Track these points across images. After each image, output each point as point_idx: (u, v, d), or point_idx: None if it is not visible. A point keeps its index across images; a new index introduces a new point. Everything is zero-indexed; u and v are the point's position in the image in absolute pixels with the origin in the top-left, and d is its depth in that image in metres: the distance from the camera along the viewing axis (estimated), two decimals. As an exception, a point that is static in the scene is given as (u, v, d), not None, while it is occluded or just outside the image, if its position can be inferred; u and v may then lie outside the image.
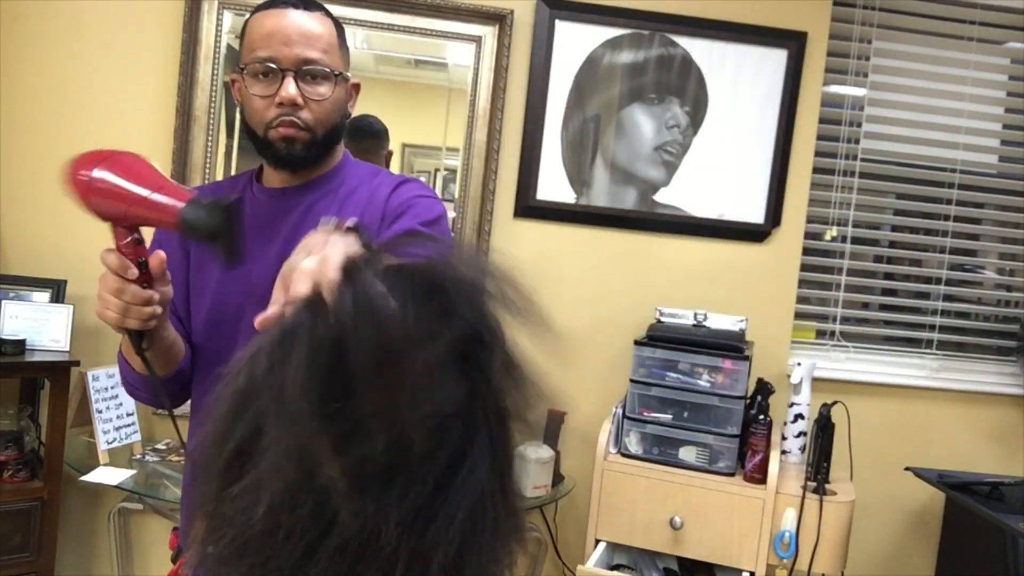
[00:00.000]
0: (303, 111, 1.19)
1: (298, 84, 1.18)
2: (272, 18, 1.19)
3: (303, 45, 1.18)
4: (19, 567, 2.20)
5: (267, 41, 1.18)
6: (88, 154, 1.04)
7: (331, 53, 1.21)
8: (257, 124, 1.22)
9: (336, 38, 1.23)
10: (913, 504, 2.71)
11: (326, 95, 1.20)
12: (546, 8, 2.49)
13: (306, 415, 0.52)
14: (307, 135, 1.20)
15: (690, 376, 2.27)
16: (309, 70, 1.19)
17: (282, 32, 1.18)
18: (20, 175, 2.44)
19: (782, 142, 2.56)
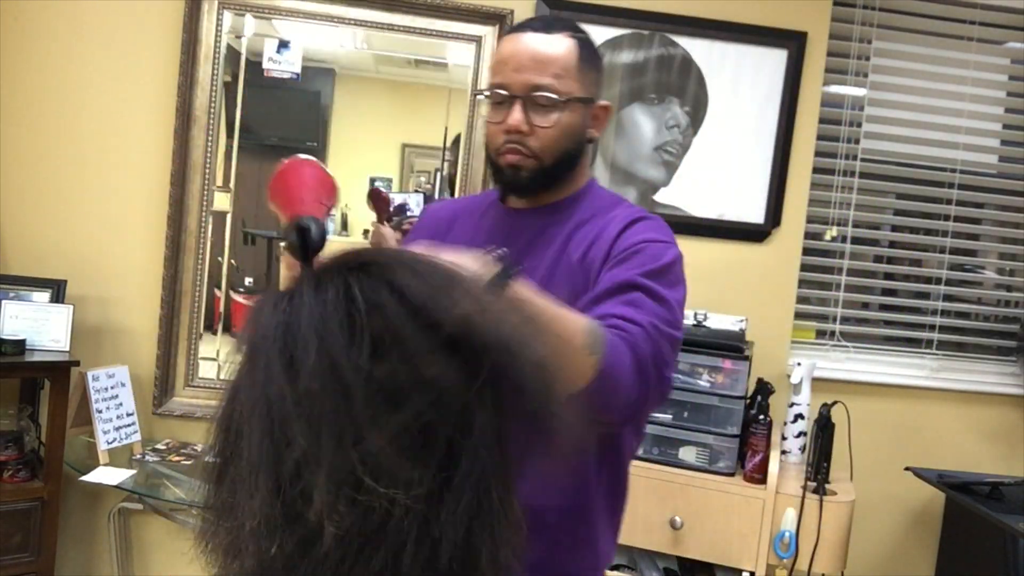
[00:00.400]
0: (529, 138, 1.17)
1: (526, 111, 1.16)
2: (510, 43, 1.18)
3: (533, 71, 1.15)
4: (19, 567, 2.20)
5: (501, 66, 1.18)
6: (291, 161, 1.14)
7: (566, 77, 1.17)
8: (490, 148, 1.22)
9: (576, 60, 1.18)
10: (913, 504, 2.71)
11: (554, 122, 1.17)
12: (546, 8, 2.49)
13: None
14: (534, 162, 1.18)
15: (690, 376, 2.27)
16: (537, 97, 1.16)
17: (515, 58, 1.17)
18: (20, 175, 2.44)
19: (782, 142, 2.56)
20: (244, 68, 2.48)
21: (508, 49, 1.18)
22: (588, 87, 1.20)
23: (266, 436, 0.55)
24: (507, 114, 1.17)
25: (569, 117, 1.18)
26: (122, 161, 2.46)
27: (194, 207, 2.47)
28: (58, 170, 2.45)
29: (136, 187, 2.47)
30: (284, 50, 2.45)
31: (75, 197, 2.46)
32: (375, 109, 2.61)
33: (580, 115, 1.20)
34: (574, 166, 1.24)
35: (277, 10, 2.45)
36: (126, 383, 2.36)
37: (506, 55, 1.18)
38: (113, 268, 2.47)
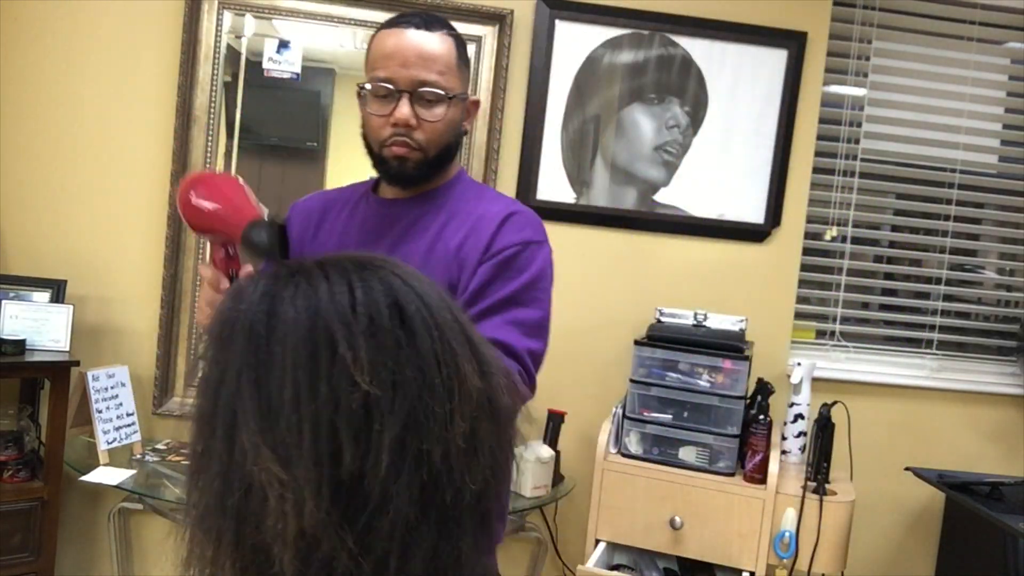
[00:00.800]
0: (416, 131, 1.22)
1: (413, 105, 1.21)
2: (392, 38, 1.22)
3: (420, 67, 1.20)
4: (19, 567, 2.20)
5: (386, 61, 1.21)
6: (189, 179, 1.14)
7: (448, 74, 1.23)
8: (373, 141, 1.26)
9: (456, 58, 1.25)
10: (913, 504, 2.71)
11: (440, 116, 1.23)
12: (546, 8, 2.49)
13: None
14: (419, 155, 1.24)
15: (690, 376, 2.27)
16: (424, 92, 1.21)
17: (400, 53, 1.20)
18: (20, 175, 2.44)
19: (782, 142, 2.56)
20: (244, 68, 2.48)
21: (392, 44, 1.21)
22: (464, 83, 1.28)
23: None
24: (393, 108, 1.21)
25: (452, 112, 1.24)
26: (122, 161, 2.46)
27: (194, 207, 2.47)
28: (58, 170, 2.45)
29: (136, 187, 2.47)
30: (284, 50, 2.45)
31: (75, 197, 2.46)
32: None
33: (459, 109, 1.27)
34: (451, 158, 1.30)
35: (277, 10, 2.45)
36: (126, 383, 2.36)
37: (390, 50, 1.21)
38: (113, 268, 2.47)
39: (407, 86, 1.21)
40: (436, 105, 1.22)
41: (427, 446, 0.59)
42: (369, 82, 1.23)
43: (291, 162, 2.60)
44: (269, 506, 0.59)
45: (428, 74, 1.21)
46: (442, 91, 1.22)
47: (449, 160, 1.29)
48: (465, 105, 1.29)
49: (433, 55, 1.21)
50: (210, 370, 0.63)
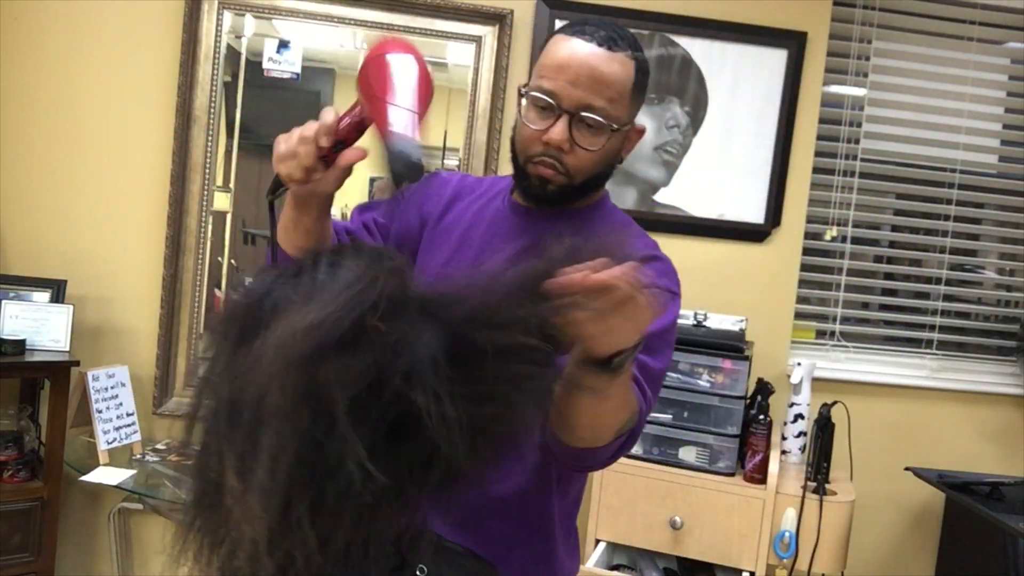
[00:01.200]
0: (568, 156, 1.11)
1: (571, 128, 1.09)
2: (568, 48, 1.09)
3: (589, 89, 1.08)
4: (19, 567, 2.20)
5: (555, 73, 1.09)
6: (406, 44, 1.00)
7: (619, 102, 1.10)
8: (521, 151, 1.17)
9: (632, 84, 1.11)
10: (913, 504, 2.71)
11: (597, 146, 1.11)
12: (546, 8, 2.49)
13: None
14: (564, 179, 1.13)
15: (690, 376, 2.27)
16: (587, 118, 1.09)
17: (572, 68, 1.08)
18: (20, 175, 2.44)
19: (782, 142, 2.56)
20: (244, 68, 2.48)
21: (565, 55, 1.09)
22: (635, 112, 1.15)
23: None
24: (550, 125, 1.10)
25: (612, 142, 1.13)
26: (122, 161, 2.46)
27: (194, 207, 2.47)
28: (58, 170, 2.45)
29: (136, 187, 2.47)
30: (284, 50, 2.45)
31: (75, 197, 2.46)
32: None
33: (617, 140, 1.14)
34: (600, 185, 1.20)
35: (277, 10, 2.45)
36: (126, 383, 2.36)
37: (562, 61, 1.09)
38: (113, 268, 2.47)
39: (570, 106, 1.08)
40: (598, 134, 1.10)
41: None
42: (532, 89, 1.12)
43: (291, 162, 2.60)
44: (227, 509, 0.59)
45: (596, 99, 1.08)
46: (607, 121, 1.09)
47: (596, 188, 1.20)
48: (628, 134, 1.17)
49: (607, 79, 1.08)
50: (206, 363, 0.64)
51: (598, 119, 1.09)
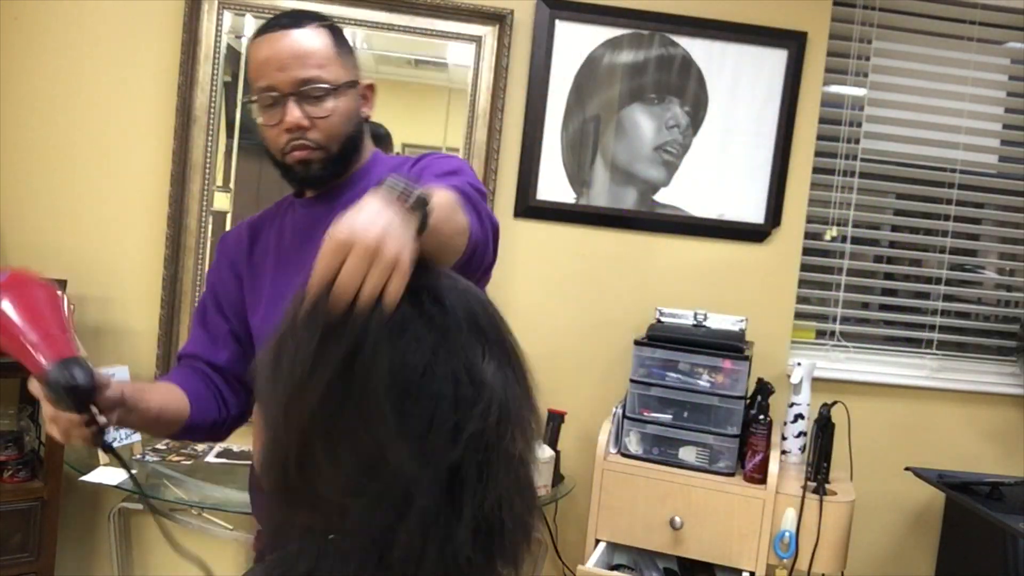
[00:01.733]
0: (311, 132, 1.19)
1: (301, 106, 1.17)
2: (264, 45, 1.18)
3: (298, 66, 1.17)
4: (19, 567, 2.20)
5: (263, 69, 1.18)
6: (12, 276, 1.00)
7: (329, 65, 1.19)
8: (274, 151, 1.23)
9: (333, 47, 1.21)
10: (913, 504, 2.71)
11: (330, 110, 1.19)
12: (546, 8, 2.49)
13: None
14: (321, 153, 1.21)
15: (690, 376, 2.27)
16: (308, 90, 1.17)
17: (275, 58, 1.17)
18: (20, 175, 2.44)
19: (782, 142, 2.56)
20: (244, 68, 2.48)
21: (265, 51, 1.18)
22: (350, 70, 1.23)
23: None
24: (282, 113, 1.18)
25: (343, 102, 1.20)
26: (122, 161, 2.46)
27: (194, 207, 2.47)
28: (58, 170, 2.45)
29: (136, 187, 2.47)
30: (284, 50, 2.45)
31: (75, 197, 2.46)
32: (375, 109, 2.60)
33: (351, 98, 1.23)
34: (358, 147, 1.27)
35: (277, 10, 2.45)
36: (126, 383, 2.35)
37: (265, 57, 1.18)
38: (113, 268, 2.47)
39: (290, 88, 1.17)
40: (324, 100, 1.19)
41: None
42: (254, 94, 1.20)
43: (291, 162, 2.60)
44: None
45: (307, 71, 1.17)
46: (326, 84, 1.18)
47: (356, 149, 1.26)
48: (359, 91, 1.26)
49: (308, 51, 1.18)
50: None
51: (318, 86, 1.17)
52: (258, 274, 1.30)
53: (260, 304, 1.28)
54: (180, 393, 1.24)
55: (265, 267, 1.30)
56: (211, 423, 1.28)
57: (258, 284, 1.29)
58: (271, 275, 1.28)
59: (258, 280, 1.29)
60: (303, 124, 1.18)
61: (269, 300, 1.27)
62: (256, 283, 1.29)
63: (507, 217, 2.54)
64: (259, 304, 1.28)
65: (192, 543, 2.50)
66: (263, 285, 1.28)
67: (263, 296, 1.28)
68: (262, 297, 1.28)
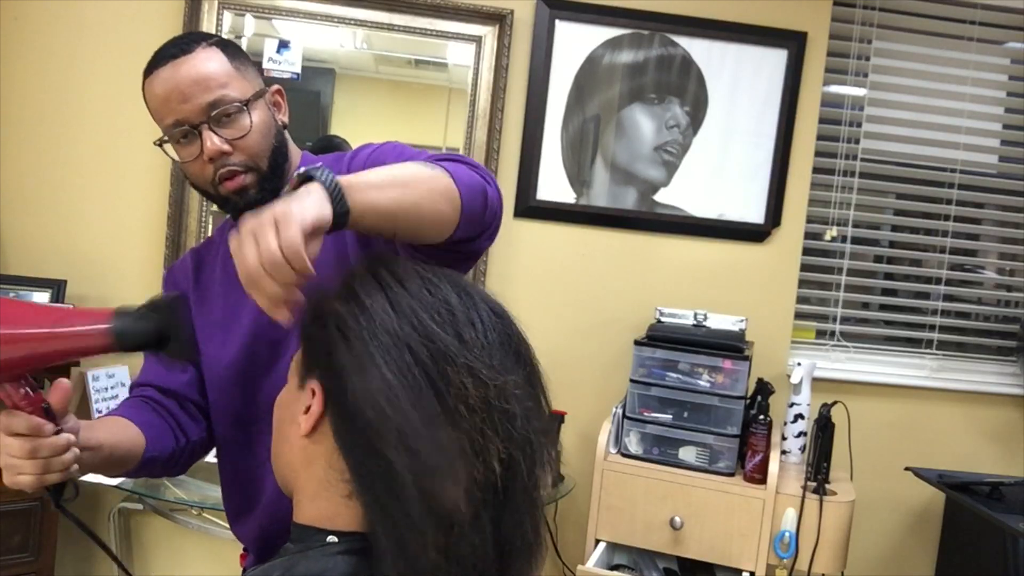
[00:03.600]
0: (235, 155, 1.12)
1: (216, 132, 1.11)
2: (159, 81, 1.11)
3: (201, 92, 1.10)
4: (19, 567, 2.20)
5: (167, 106, 1.11)
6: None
7: (232, 82, 1.12)
8: (204, 186, 1.16)
9: (229, 63, 1.14)
10: (913, 504, 2.71)
11: (247, 128, 1.12)
12: (546, 8, 2.49)
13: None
14: (253, 176, 1.14)
15: (690, 376, 2.27)
16: (218, 113, 1.10)
17: (175, 90, 1.10)
18: (20, 175, 2.44)
19: (782, 142, 2.56)
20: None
21: (161, 87, 1.11)
22: (253, 81, 1.16)
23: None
24: (200, 145, 1.11)
25: (257, 116, 1.14)
26: (122, 161, 2.46)
27: (194, 207, 2.47)
28: (58, 170, 2.45)
29: (136, 187, 2.47)
30: (284, 50, 2.45)
31: (75, 197, 2.46)
32: (375, 109, 2.61)
33: (263, 110, 1.16)
34: (287, 157, 1.20)
35: (277, 10, 2.45)
36: (126, 383, 2.36)
37: (164, 92, 1.11)
38: (113, 268, 2.47)
39: (199, 117, 1.10)
40: (238, 119, 1.12)
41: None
42: (165, 132, 1.13)
43: (291, 162, 2.60)
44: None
45: (212, 93, 1.10)
46: (235, 102, 1.11)
47: (285, 160, 1.19)
48: (268, 100, 1.18)
49: (207, 74, 1.10)
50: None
51: (227, 107, 1.11)
52: (206, 298, 1.26)
53: (215, 329, 1.24)
54: (131, 426, 1.17)
55: (212, 292, 1.26)
56: (169, 454, 1.21)
57: (207, 309, 1.25)
58: (221, 300, 1.24)
59: (207, 305, 1.25)
60: (225, 149, 1.11)
61: (222, 324, 1.23)
62: (205, 308, 1.25)
63: (507, 217, 2.53)
64: (213, 329, 1.24)
65: (192, 543, 2.51)
66: (213, 309, 1.25)
67: (215, 320, 1.24)
68: (214, 321, 1.24)
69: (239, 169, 1.13)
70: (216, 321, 1.24)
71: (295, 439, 0.75)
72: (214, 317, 1.24)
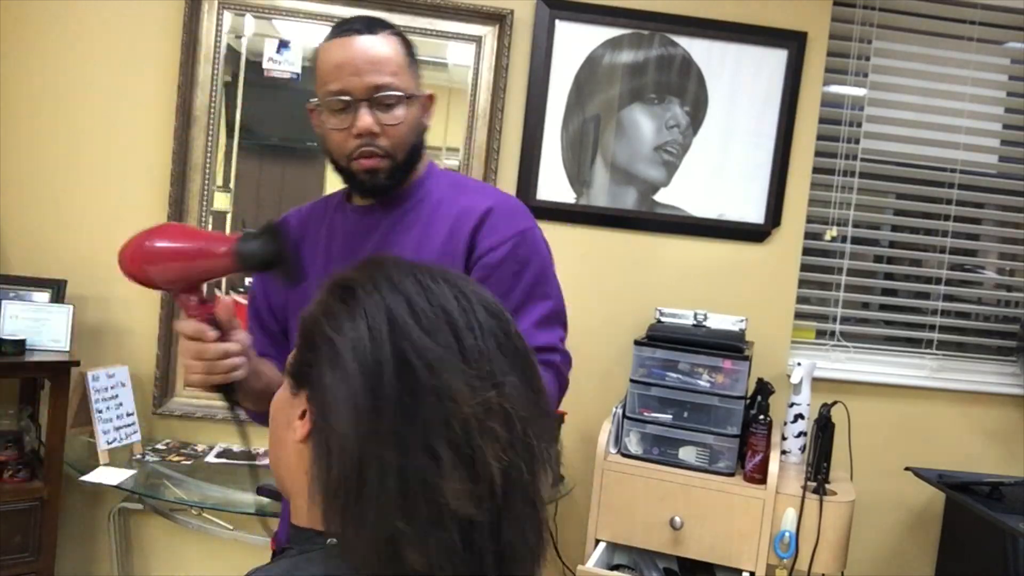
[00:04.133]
0: (381, 138, 1.19)
1: (373, 112, 1.18)
2: (339, 48, 1.18)
3: (372, 72, 1.17)
4: (19, 567, 2.20)
5: (337, 73, 1.18)
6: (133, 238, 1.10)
7: (401, 74, 1.20)
8: (339, 156, 1.23)
9: (405, 56, 1.21)
10: (913, 504, 2.71)
11: (401, 119, 1.20)
12: (546, 8, 2.49)
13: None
14: (388, 162, 1.21)
15: (690, 376, 2.27)
16: (381, 97, 1.18)
17: (350, 62, 1.17)
18: (20, 175, 2.44)
19: (782, 142, 2.56)
20: (244, 68, 2.48)
21: (339, 55, 1.18)
22: (417, 80, 1.24)
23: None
24: (353, 119, 1.18)
25: (411, 112, 1.21)
26: (122, 161, 2.46)
27: (194, 207, 2.47)
28: (58, 170, 2.45)
29: (136, 187, 2.47)
30: (284, 50, 2.45)
31: (75, 197, 2.46)
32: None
33: (417, 108, 1.24)
34: (420, 157, 1.27)
35: (277, 10, 2.45)
36: (126, 383, 2.36)
37: (339, 60, 1.18)
38: (113, 268, 2.44)
39: (363, 94, 1.17)
40: (395, 107, 1.19)
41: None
42: (324, 96, 1.20)
43: (291, 162, 2.60)
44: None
45: (382, 77, 1.17)
46: (399, 92, 1.19)
47: (417, 159, 1.27)
48: (422, 101, 1.26)
49: (383, 58, 1.18)
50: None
51: (392, 93, 1.18)
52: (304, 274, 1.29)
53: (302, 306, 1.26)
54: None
55: (312, 268, 1.29)
56: None
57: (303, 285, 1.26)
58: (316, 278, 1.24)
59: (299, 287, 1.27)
60: (374, 130, 1.18)
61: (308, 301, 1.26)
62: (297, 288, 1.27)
63: (507, 217, 2.54)
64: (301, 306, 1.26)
65: (192, 543, 2.51)
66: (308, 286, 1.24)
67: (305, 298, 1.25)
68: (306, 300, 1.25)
69: (379, 152, 1.20)
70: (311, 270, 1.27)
71: (291, 443, 0.75)
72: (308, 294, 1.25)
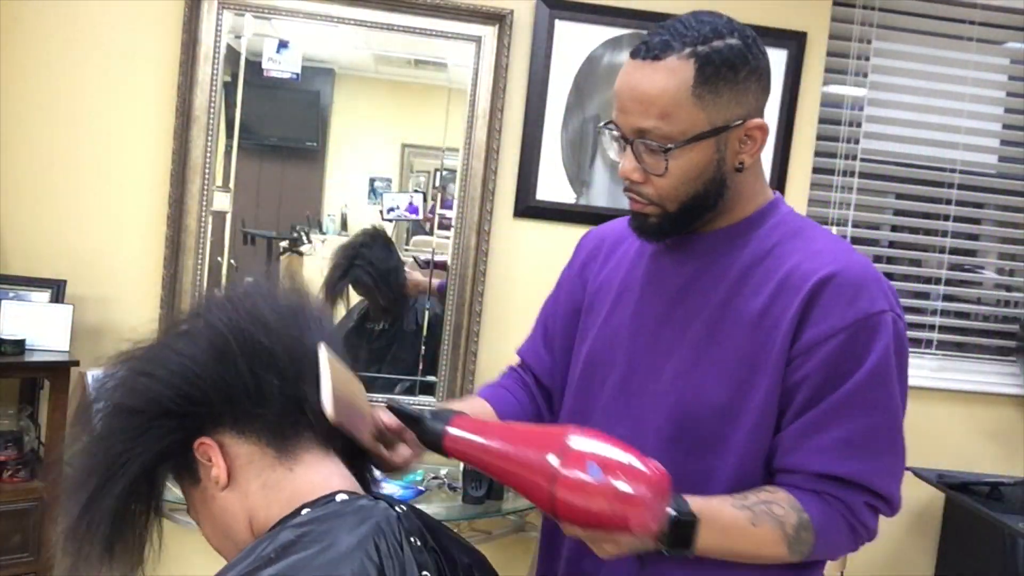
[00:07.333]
0: (644, 186, 1.01)
1: (638, 156, 1.00)
2: (621, 74, 1.02)
3: (636, 113, 0.98)
4: (19, 567, 2.19)
5: (615, 101, 1.02)
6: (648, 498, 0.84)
7: (677, 113, 0.96)
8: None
9: (691, 88, 0.97)
10: (913, 504, 2.71)
11: (662, 170, 0.98)
12: (546, 8, 2.49)
13: None
14: (656, 210, 1.03)
15: (690, 376, 2.27)
16: (644, 141, 0.99)
17: (620, 94, 1.01)
18: (20, 175, 2.44)
19: (782, 142, 2.56)
20: (244, 68, 2.48)
21: (618, 82, 1.02)
22: (720, 111, 0.98)
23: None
24: (621, 155, 1.03)
25: (687, 160, 0.98)
26: (122, 161, 2.46)
27: (194, 207, 2.47)
28: (58, 170, 2.45)
29: (136, 187, 2.47)
30: (284, 50, 2.45)
31: (75, 197, 2.45)
32: (375, 109, 2.60)
33: (707, 151, 0.99)
34: (714, 205, 1.03)
35: (277, 10, 2.45)
36: (126, 383, 2.35)
37: (617, 88, 1.02)
38: (113, 268, 2.47)
39: (628, 135, 1.00)
40: (658, 156, 0.98)
41: None
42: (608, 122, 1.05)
43: (291, 162, 2.60)
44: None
45: (644, 120, 0.97)
46: (662, 141, 0.97)
47: (708, 210, 1.03)
48: (728, 136, 1.00)
49: (650, 96, 0.97)
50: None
51: (650, 143, 0.98)
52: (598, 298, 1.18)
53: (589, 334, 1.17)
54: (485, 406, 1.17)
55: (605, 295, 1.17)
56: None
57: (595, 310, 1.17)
58: (607, 309, 1.15)
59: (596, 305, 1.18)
60: (633, 177, 1.01)
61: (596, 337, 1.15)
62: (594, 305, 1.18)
63: (507, 217, 2.54)
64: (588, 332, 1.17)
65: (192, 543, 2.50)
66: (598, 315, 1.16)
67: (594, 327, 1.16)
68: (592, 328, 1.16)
69: (642, 200, 1.03)
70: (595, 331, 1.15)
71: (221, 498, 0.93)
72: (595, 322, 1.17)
